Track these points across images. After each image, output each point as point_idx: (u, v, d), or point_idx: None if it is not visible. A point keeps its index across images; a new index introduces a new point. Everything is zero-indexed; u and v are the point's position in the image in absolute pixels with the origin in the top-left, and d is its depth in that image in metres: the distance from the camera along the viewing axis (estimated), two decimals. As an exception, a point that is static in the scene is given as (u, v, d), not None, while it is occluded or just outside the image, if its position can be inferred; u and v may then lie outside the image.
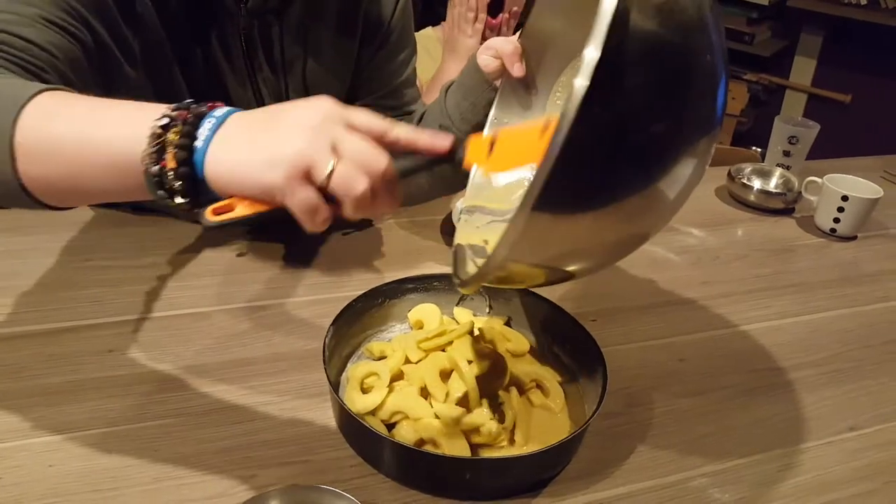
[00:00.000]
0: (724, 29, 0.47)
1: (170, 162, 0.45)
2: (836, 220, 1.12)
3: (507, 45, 0.72)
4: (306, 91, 0.88)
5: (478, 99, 0.78)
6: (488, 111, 0.74)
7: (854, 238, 1.14)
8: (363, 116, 0.48)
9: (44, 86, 0.52)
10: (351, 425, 0.63)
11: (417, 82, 1.01)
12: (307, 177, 0.44)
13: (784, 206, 1.20)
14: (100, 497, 0.58)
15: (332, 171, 0.44)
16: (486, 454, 0.64)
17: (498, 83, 0.74)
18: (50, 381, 0.69)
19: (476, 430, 0.64)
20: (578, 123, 0.38)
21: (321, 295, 0.86)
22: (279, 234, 0.96)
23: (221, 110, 0.47)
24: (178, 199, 0.46)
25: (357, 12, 0.86)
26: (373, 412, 0.65)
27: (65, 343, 0.73)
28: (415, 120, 0.92)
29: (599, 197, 0.44)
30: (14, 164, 0.50)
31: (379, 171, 0.46)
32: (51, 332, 0.75)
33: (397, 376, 0.69)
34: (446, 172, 0.82)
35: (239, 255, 0.91)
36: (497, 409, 0.67)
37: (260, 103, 0.85)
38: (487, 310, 0.82)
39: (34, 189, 0.51)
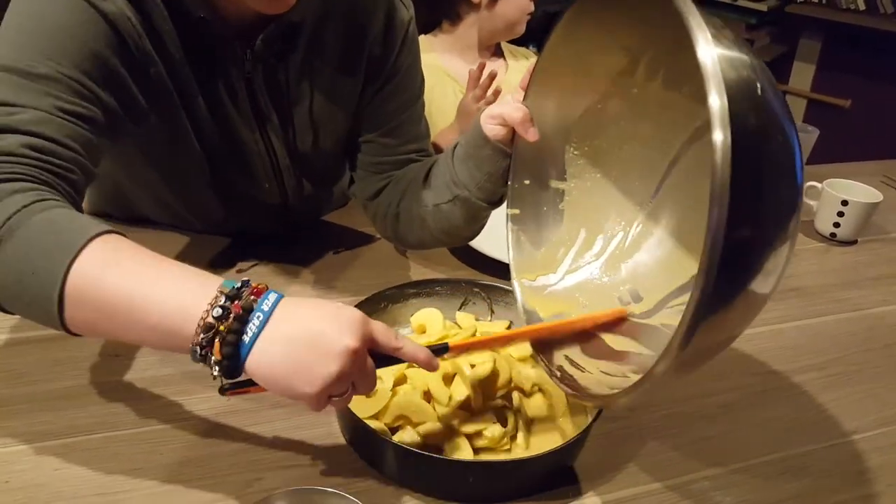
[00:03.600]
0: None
1: (216, 353, 0.51)
2: (837, 225, 1.13)
3: (516, 112, 0.69)
4: (313, 128, 0.86)
5: (494, 169, 0.74)
6: (506, 179, 0.74)
7: (854, 242, 1.15)
8: (381, 333, 0.55)
9: (97, 229, 0.54)
10: (355, 429, 0.64)
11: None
12: (329, 393, 0.53)
13: (784, 210, 1.21)
14: (106, 500, 0.58)
15: (344, 395, 0.54)
16: (489, 458, 0.64)
17: (508, 149, 0.73)
18: (55, 385, 0.69)
19: (479, 434, 0.64)
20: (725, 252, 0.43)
21: (324, 300, 0.87)
22: (279, 253, 0.96)
23: (269, 302, 0.52)
24: (215, 373, 0.52)
25: (361, 51, 0.84)
26: (376, 416, 0.66)
27: (70, 348, 0.74)
28: (422, 174, 0.84)
29: (733, 302, 0.47)
30: (62, 310, 0.53)
31: (371, 391, 0.57)
32: (55, 337, 0.74)
33: (400, 380, 0.69)
34: (458, 231, 0.83)
35: (239, 271, 0.91)
36: (499, 414, 0.67)
37: (267, 144, 0.85)
38: (490, 315, 0.82)
39: (75, 329, 0.55)
